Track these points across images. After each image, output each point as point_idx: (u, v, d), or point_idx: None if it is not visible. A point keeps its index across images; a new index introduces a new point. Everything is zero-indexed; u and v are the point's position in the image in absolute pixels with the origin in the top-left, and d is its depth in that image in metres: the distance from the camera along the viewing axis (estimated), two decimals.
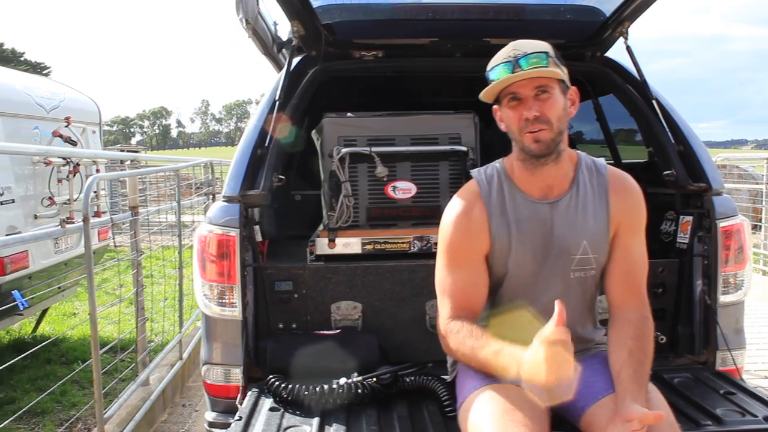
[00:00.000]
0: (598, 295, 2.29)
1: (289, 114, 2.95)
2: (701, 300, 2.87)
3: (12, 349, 6.35)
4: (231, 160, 2.89)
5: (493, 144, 3.18)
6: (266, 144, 2.85)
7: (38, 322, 6.88)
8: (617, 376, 1.96)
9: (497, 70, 2.03)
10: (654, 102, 3.10)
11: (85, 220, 3.66)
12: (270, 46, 3.48)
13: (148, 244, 5.72)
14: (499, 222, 2.13)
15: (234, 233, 2.66)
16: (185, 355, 5.52)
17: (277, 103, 2.93)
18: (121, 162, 9.34)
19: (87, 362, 4.61)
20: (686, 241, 2.96)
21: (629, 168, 3.62)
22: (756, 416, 2.26)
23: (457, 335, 2.05)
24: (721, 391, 2.48)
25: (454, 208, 2.19)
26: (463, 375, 2.17)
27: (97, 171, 6.23)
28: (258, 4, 3.06)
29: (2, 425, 3.53)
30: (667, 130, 3.05)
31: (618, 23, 3.10)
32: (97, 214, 5.90)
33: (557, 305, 1.80)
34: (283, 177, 2.94)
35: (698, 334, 2.88)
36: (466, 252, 2.14)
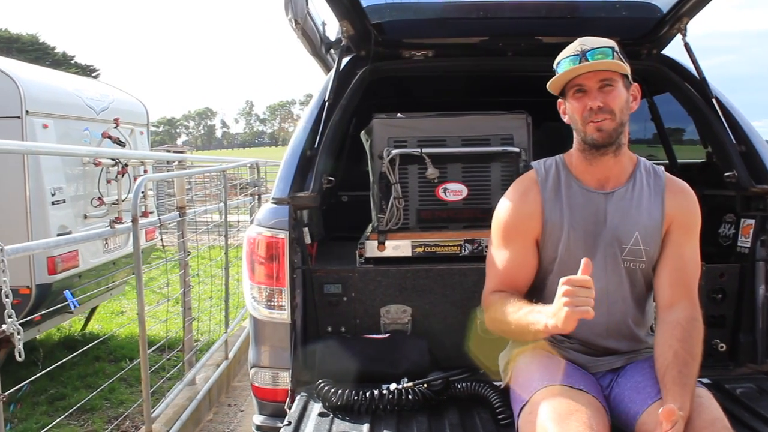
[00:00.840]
0: (650, 297, 2.26)
1: (338, 115, 2.92)
2: (765, 306, 2.75)
3: (62, 346, 6.48)
4: (275, 160, 2.88)
5: (542, 145, 3.09)
6: (315, 145, 2.82)
7: (87, 320, 7.01)
8: (662, 379, 1.95)
9: (564, 63, 2.12)
10: (714, 100, 2.99)
11: (134, 220, 3.69)
12: (318, 46, 3.46)
13: (194, 244, 5.77)
14: (552, 207, 2.20)
15: (283, 235, 2.64)
16: (231, 355, 5.56)
17: (327, 103, 2.91)
18: (168, 162, 9.49)
19: (135, 361, 4.67)
20: (748, 245, 2.85)
21: (685, 169, 3.53)
22: None
23: (495, 303, 2.17)
24: None
25: (510, 190, 2.31)
26: (521, 378, 2.13)
27: (145, 171, 6.31)
28: (307, 4, 3.03)
29: (56, 422, 3.58)
30: (728, 129, 2.94)
31: (676, 19, 3.00)
32: (145, 215, 5.97)
33: (583, 261, 1.85)
34: (332, 178, 2.91)
35: (761, 342, 2.77)
36: (517, 232, 2.23)
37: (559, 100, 2.21)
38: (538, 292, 2.24)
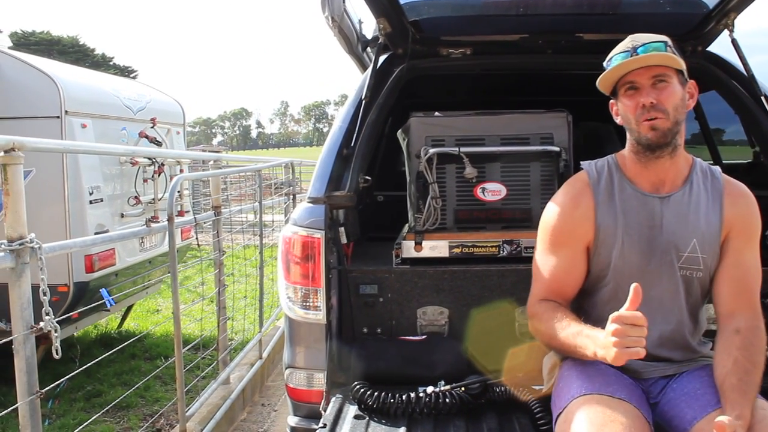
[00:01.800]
0: (704, 304, 2.17)
1: (375, 113, 2.89)
2: None
3: (99, 343, 6.56)
4: (310, 160, 2.86)
5: (578, 145, 3.02)
6: (352, 144, 2.79)
7: (123, 318, 7.08)
8: (721, 387, 1.87)
9: (615, 60, 2.02)
10: (763, 98, 2.89)
11: (170, 219, 3.70)
12: (355, 44, 3.43)
13: (229, 243, 5.79)
14: (606, 212, 2.10)
15: (319, 235, 2.62)
16: (265, 354, 5.56)
17: (364, 102, 2.88)
18: (203, 162, 9.57)
19: (170, 359, 4.70)
20: None
21: (731, 169, 3.42)
22: None
23: (542, 315, 2.08)
24: None
25: (560, 193, 2.20)
26: (561, 384, 2.08)
27: (181, 171, 6.36)
28: (344, 2, 3.01)
29: (92, 419, 3.60)
30: None
31: (723, 15, 2.91)
32: (180, 214, 6.02)
33: (633, 288, 1.77)
34: (369, 178, 2.87)
35: None
36: (567, 237, 2.13)
37: (611, 101, 2.12)
38: (588, 297, 2.18)
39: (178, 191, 6.06)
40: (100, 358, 3.65)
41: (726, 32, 2.98)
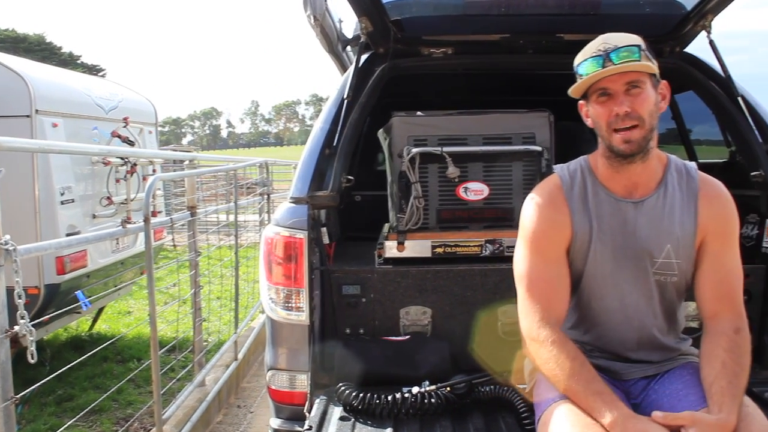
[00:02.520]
0: (681, 304, 2.16)
1: (357, 113, 2.88)
2: None
3: (69, 346, 6.44)
4: (284, 160, 2.83)
5: (556, 145, 3.04)
6: (335, 144, 2.78)
7: (95, 320, 6.97)
8: (709, 389, 1.85)
9: (586, 64, 1.94)
10: (740, 99, 2.93)
11: (146, 220, 3.65)
12: (335, 43, 3.41)
13: (202, 244, 5.73)
14: (581, 217, 2.05)
15: (301, 235, 2.60)
16: (240, 356, 5.51)
17: (346, 101, 2.86)
18: (174, 162, 9.45)
19: (146, 363, 4.62)
20: None
21: (707, 168, 3.46)
22: None
23: (550, 348, 1.92)
24: None
25: (535, 198, 2.10)
26: (542, 386, 2.06)
27: (154, 171, 6.27)
28: (326, 1, 2.99)
29: (67, 425, 3.52)
30: (754, 128, 2.88)
31: (700, 16, 2.95)
32: (154, 214, 5.92)
33: (659, 417, 1.74)
34: (351, 177, 2.86)
35: None
36: (550, 242, 2.05)
37: (581, 102, 2.05)
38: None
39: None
40: (75, 362, 3.58)
41: (703, 33, 3.02)
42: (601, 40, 1.94)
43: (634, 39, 1.94)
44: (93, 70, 38.47)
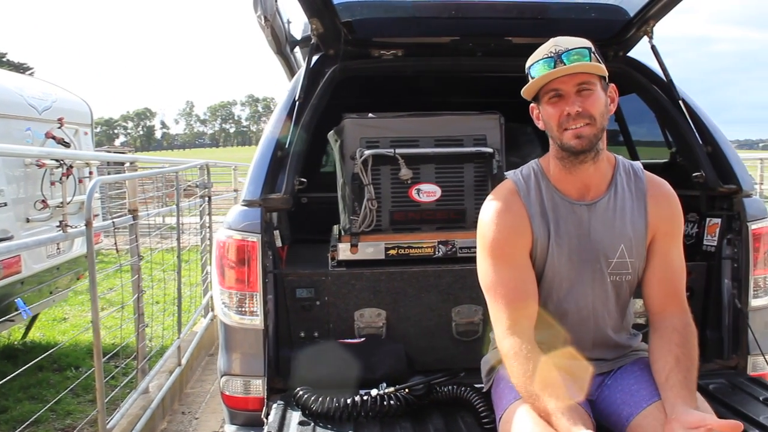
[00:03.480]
0: (631, 301, 2.23)
1: (309, 115, 2.85)
2: (731, 304, 2.82)
3: (1, 355, 6.18)
4: (224, 161, 2.79)
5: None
6: (287, 146, 2.75)
7: (28, 328, 6.71)
8: (665, 383, 1.91)
9: (538, 66, 1.99)
10: (681, 102, 3.03)
11: (88, 224, 3.53)
12: (283, 44, 3.37)
13: (143, 248, 5.58)
14: (539, 221, 2.08)
15: (254, 239, 2.57)
16: (184, 361, 5.39)
17: (298, 103, 2.83)
18: (108, 164, 9.20)
19: (86, 371, 4.48)
20: (714, 243, 2.90)
21: (648, 169, 3.57)
22: None
23: (519, 362, 1.92)
24: (761, 398, 2.41)
25: (492, 205, 2.11)
26: (502, 385, 2.10)
27: (90, 174, 6.08)
28: (276, 1, 2.95)
29: None
30: (695, 130, 2.99)
31: (643, 22, 3.04)
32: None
33: None
34: (305, 180, 2.83)
35: (727, 339, 2.84)
36: (512, 248, 2.06)
37: (532, 104, 2.09)
38: None
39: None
40: (13, 375, 3.43)
41: (646, 39, 3.12)
42: (553, 43, 1.99)
43: (585, 42, 1.99)
44: (20, 68, 37.11)
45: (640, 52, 3.29)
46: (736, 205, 2.81)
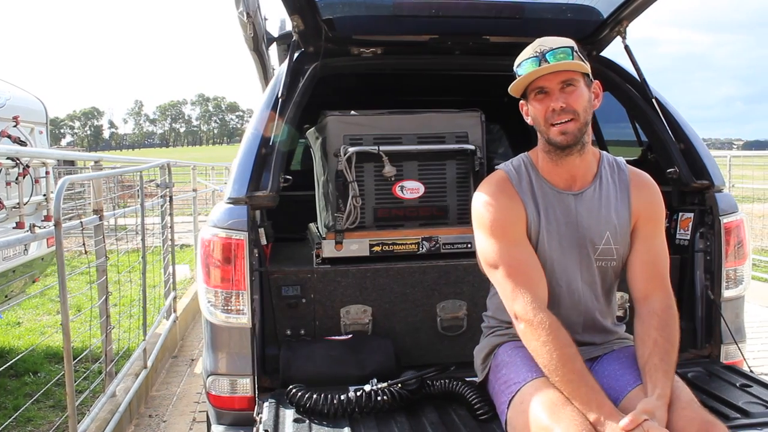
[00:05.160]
0: (615, 287, 2.32)
1: (292, 111, 2.84)
2: (703, 295, 2.91)
3: None
4: (184, 161, 2.76)
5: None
6: (271, 143, 2.73)
7: None
8: (644, 367, 2.00)
9: (525, 65, 2.11)
10: (654, 101, 3.12)
11: (57, 224, 3.45)
12: (260, 41, 3.35)
13: (108, 249, 5.46)
14: (531, 207, 2.18)
15: (241, 236, 2.55)
16: (149, 363, 5.29)
17: (280, 100, 2.82)
18: (62, 163, 8.98)
19: (58, 375, 4.37)
20: (687, 237, 3.00)
21: None
22: None
23: (547, 332, 1.97)
24: (738, 384, 2.50)
25: (486, 191, 2.20)
26: (505, 370, 2.14)
27: (47, 173, 5.92)
28: None
29: None
30: (668, 128, 3.07)
31: (616, 23, 3.12)
32: (47, 218, 5.61)
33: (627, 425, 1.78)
34: (290, 177, 2.82)
35: (700, 329, 2.93)
36: (513, 226, 2.15)
37: (521, 102, 2.21)
38: None
39: (44, 195, 5.71)
40: None
41: (619, 39, 3.19)
42: (538, 43, 2.11)
43: (568, 42, 2.11)
44: None
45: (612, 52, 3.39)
46: (709, 200, 2.91)
